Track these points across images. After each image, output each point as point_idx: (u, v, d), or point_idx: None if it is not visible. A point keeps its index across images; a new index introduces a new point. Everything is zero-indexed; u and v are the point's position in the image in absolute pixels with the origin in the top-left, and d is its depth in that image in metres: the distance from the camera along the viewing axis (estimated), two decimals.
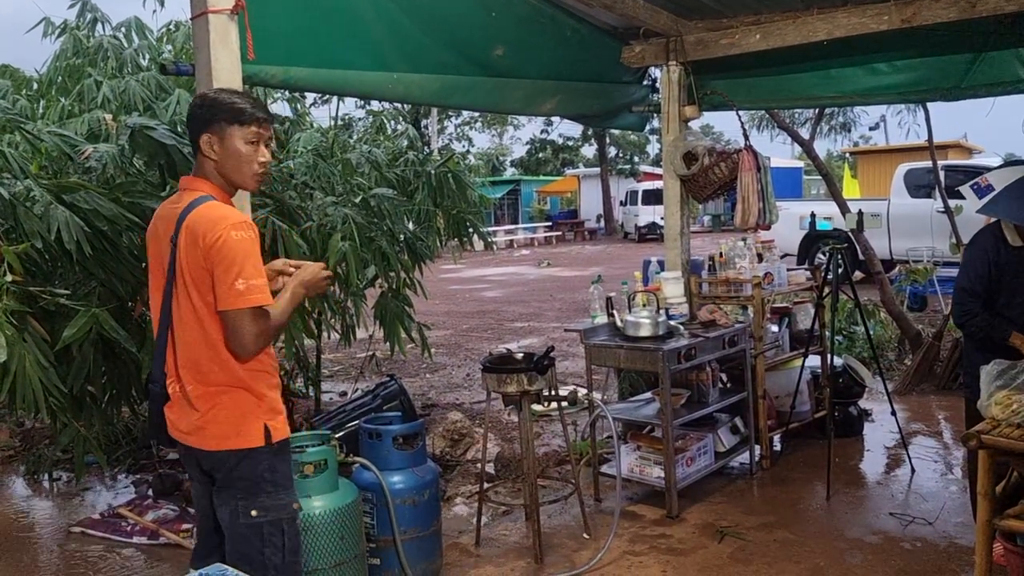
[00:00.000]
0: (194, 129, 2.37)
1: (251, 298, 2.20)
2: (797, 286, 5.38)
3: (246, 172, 2.37)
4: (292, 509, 2.42)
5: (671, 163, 5.06)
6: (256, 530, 2.34)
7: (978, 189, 3.68)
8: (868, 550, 3.78)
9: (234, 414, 2.31)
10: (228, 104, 2.34)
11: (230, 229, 2.21)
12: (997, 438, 2.71)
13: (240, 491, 2.34)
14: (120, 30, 5.39)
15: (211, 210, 2.26)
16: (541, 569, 3.72)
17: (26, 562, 4.11)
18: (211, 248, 2.20)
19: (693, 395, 4.63)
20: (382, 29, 3.60)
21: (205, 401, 2.31)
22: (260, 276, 2.23)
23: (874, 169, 19.07)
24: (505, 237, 30.84)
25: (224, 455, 2.32)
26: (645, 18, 4.69)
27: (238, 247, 2.20)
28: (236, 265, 2.19)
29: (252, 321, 2.22)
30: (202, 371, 2.30)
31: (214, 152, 2.34)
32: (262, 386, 2.35)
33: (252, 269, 2.21)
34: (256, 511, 2.33)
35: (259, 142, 2.37)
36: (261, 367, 2.35)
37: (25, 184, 3.31)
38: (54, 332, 3.20)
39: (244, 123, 2.33)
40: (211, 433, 2.32)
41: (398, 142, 6.43)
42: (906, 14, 4.21)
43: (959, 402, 4.06)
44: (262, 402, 2.34)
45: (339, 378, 8.14)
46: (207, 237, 2.20)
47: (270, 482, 2.35)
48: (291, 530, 2.41)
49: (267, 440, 2.33)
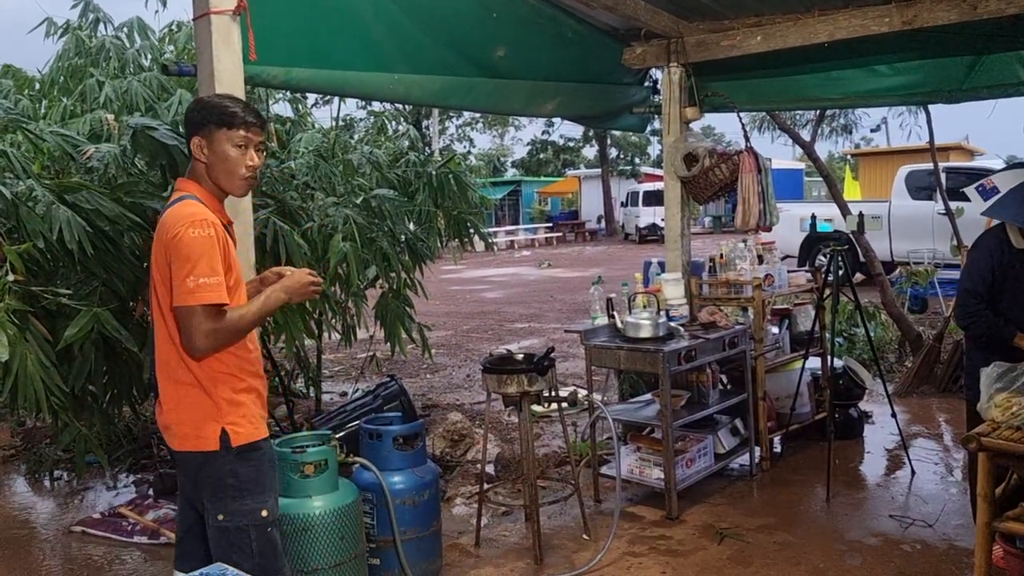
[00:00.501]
0: (187, 132, 2.39)
1: (201, 295, 2.17)
2: (797, 288, 5.38)
3: (234, 176, 2.37)
4: (259, 516, 2.35)
5: (672, 164, 5.07)
6: (224, 534, 2.33)
7: (983, 191, 3.68)
8: (868, 552, 3.78)
9: (194, 415, 2.31)
10: (218, 107, 2.36)
11: (187, 227, 2.20)
12: (997, 440, 2.72)
13: (207, 493, 2.34)
14: (122, 30, 5.41)
15: (179, 208, 2.28)
16: (541, 570, 3.72)
17: (27, 561, 4.11)
18: (169, 245, 2.22)
19: (693, 396, 4.63)
20: (383, 30, 3.61)
21: (171, 399, 2.34)
22: (213, 274, 2.20)
23: (875, 171, 19.05)
24: (506, 238, 30.83)
25: (186, 456, 2.34)
26: (646, 19, 4.70)
27: (193, 244, 2.19)
28: (189, 262, 2.18)
29: (202, 319, 2.18)
30: (170, 367, 2.32)
31: (203, 155, 2.35)
32: (223, 389, 2.32)
33: (205, 267, 2.19)
34: (222, 515, 2.32)
35: (247, 146, 2.37)
36: (223, 368, 2.32)
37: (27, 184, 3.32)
38: (56, 331, 3.21)
39: (232, 127, 2.34)
40: (175, 432, 2.35)
41: (399, 143, 6.45)
42: (907, 16, 4.21)
43: (959, 404, 4.07)
44: (219, 405, 2.31)
45: (340, 378, 8.14)
46: (167, 233, 2.22)
47: (233, 487, 2.32)
48: (260, 536, 2.35)
49: (223, 444, 2.30)
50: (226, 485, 2.31)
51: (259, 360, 2.50)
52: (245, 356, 2.39)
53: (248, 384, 2.39)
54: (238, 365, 2.36)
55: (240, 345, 2.36)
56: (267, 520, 2.38)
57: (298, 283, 2.45)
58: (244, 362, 2.38)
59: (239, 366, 2.36)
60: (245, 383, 2.38)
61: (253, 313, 2.32)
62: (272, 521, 2.40)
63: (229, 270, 2.30)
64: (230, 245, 2.36)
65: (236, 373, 2.35)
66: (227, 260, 2.29)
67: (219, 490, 2.32)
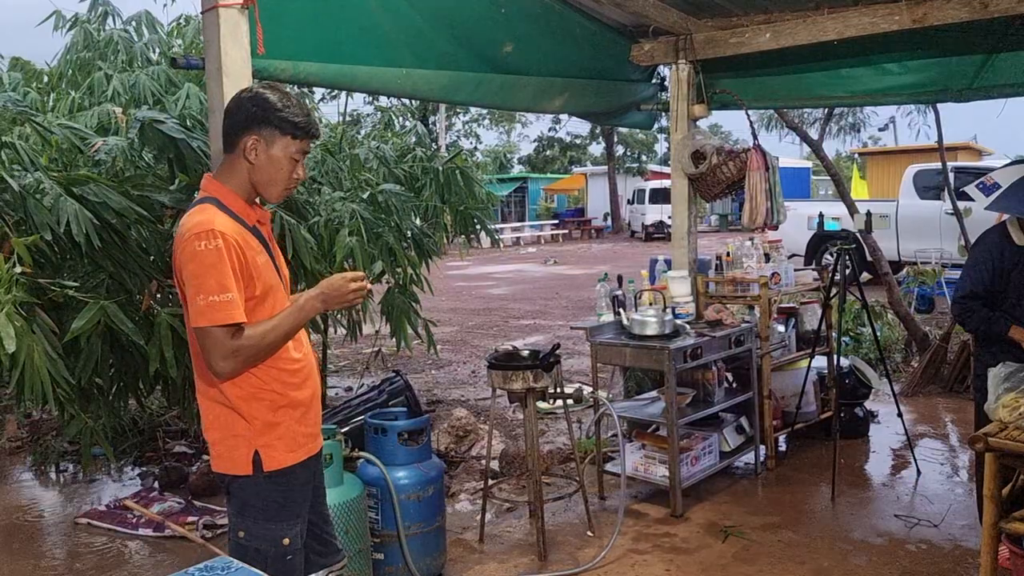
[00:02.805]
0: (239, 124, 2.15)
1: (212, 316, 1.99)
2: (804, 286, 5.36)
3: (278, 186, 2.19)
4: (280, 544, 2.20)
5: (679, 162, 5.06)
6: (242, 551, 2.17)
7: (984, 188, 3.68)
8: (873, 551, 3.77)
9: (225, 435, 2.17)
10: (285, 112, 2.14)
11: (194, 239, 2.01)
12: (1004, 441, 2.71)
13: (233, 507, 2.24)
14: (130, 24, 5.41)
15: (189, 217, 2.09)
16: (545, 566, 3.72)
17: (32, 553, 4.13)
18: (178, 259, 2.07)
19: (699, 394, 4.62)
20: (391, 24, 3.60)
21: (205, 415, 2.21)
22: (223, 291, 1.99)
23: (883, 170, 19.00)
24: (512, 234, 30.83)
25: (221, 478, 2.23)
26: (655, 16, 4.68)
27: (198, 259, 2.00)
28: (196, 279, 2.00)
29: (218, 340, 2.00)
30: (202, 383, 2.20)
31: (254, 155, 2.15)
32: (259, 408, 2.15)
33: (213, 284, 1.99)
34: (243, 533, 2.20)
35: (302, 160, 2.21)
36: (259, 384, 2.15)
37: (35, 176, 3.32)
38: (62, 324, 3.21)
39: (297, 137, 2.16)
40: (211, 450, 2.23)
41: (406, 138, 6.45)
42: (917, 14, 4.19)
43: (966, 404, 4.05)
44: (252, 425, 2.15)
45: (345, 373, 8.15)
46: (177, 247, 2.07)
47: (259, 509, 2.19)
48: (277, 562, 2.19)
49: (255, 468, 2.15)
50: (251, 506, 2.19)
51: (308, 368, 2.30)
52: (288, 367, 2.21)
53: (291, 399, 2.21)
54: (279, 379, 2.18)
55: (281, 357, 2.18)
56: (288, 548, 2.22)
57: (336, 289, 2.20)
58: (286, 374, 2.20)
59: (280, 379, 2.18)
60: (288, 398, 2.20)
61: (284, 326, 2.12)
62: (294, 549, 2.24)
63: (250, 281, 2.10)
64: (250, 252, 2.11)
65: (277, 389, 2.18)
66: (246, 270, 2.09)
67: (244, 509, 2.20)
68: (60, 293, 3.26)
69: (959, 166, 11.92)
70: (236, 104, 2.18)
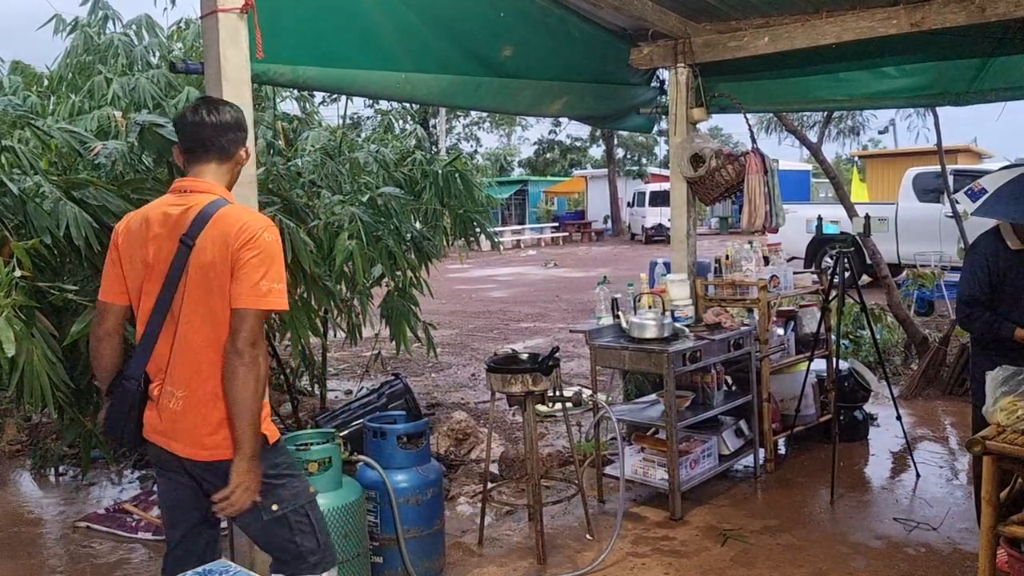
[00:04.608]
0: (239, 138, 2.42)
1: (271, 300, 2.22)
2: (803, 289, 5.37)
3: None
4: (309, 492, 2.46)
5: (678, 165, 5.06)
6: (282, 523, 2.37)
7: (972, 194, 3.67)
8: (872, 555, 3.77)
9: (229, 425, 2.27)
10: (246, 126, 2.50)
11: (263, 230, 2.25)
12: (1002, 444, 2.71)
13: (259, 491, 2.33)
14: (131, 27, 5.43)
15: (243, 211, 2.33)
16: (544, 570, 3.73)
17: (31, 556, 4.13)
18: (243, 246, 2.21)
19: (698, 397, 4.63)
20: (390, 28, 3.61)
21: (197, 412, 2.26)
22: (282, 281, 2.27)
23: (882, 173, 19.02)
24: (512, 237, 30.82)
25: (224, 464, 2.25)
26: (654, 20, 4.69)
27: (268, 249, 2.24)
28: (264, 265, 2.21)
29: (259, 323, 2.22)
30: (201, 376, 2.25)
31: (243, 163, 2.47)
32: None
33: (277, 273, 2.24)
34: (276, 505, 2.35)
35: None
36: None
37: (35, 180, 3.33)
38: (62, 327, 3.22)
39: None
40: (206, 444, 2.27)
41: (406, 142, 6.45)
42: (915, 18, 4.20)
43: (965, 407, 4.06)
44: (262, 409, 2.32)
45: (344, 376, 8.15)
46: (241, 235, 2.22)
47: (275, 476, 2.36)
48: (315, 511, 2.46)
49: (263, 445, 2.32)
50: (271, 476, 2.34)
51: None
52: None
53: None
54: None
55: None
56: (315, 494, 2.50)
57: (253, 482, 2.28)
58: None
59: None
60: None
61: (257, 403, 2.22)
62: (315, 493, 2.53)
63: None
64: None
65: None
66: None
67: (270, 480, 2.33)
68: (60, 297, 3.26)
69: (958, 169, 11.94)
70: (235, 121, 2.43)
